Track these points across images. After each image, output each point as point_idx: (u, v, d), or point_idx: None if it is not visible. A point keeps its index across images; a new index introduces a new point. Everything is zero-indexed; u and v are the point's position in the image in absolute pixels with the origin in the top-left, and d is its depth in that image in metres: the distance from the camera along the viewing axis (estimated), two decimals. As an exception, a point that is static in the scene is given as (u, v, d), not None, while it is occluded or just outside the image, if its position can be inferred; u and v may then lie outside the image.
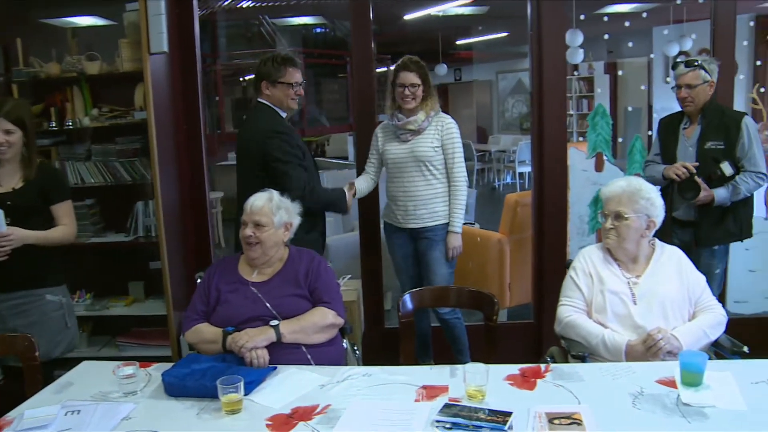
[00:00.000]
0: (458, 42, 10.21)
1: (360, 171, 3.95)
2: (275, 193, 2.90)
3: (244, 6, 7.73)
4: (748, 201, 3.55)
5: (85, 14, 4.16)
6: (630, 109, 3.43)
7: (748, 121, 3.43)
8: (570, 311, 2.71)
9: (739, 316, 4.38)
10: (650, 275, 2.71)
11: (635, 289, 2.67)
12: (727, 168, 3.38)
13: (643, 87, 7.25)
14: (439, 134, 3.56)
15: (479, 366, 2.15)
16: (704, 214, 3.50)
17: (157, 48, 3.66)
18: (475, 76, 12.21)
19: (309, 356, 2.68)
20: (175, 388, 2.29)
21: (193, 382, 2.30)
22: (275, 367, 2.50)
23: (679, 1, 4.67)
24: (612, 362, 2.49)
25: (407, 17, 8.12)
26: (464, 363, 2.39)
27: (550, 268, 3.96)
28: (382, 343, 4.16)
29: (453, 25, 8.98)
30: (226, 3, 7.41)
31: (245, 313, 2.73)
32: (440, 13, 7.66)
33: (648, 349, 2.51)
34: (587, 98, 10.08)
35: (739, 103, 4.20)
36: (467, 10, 7.56)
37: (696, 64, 3.45)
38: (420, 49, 10.23)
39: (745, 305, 4.40)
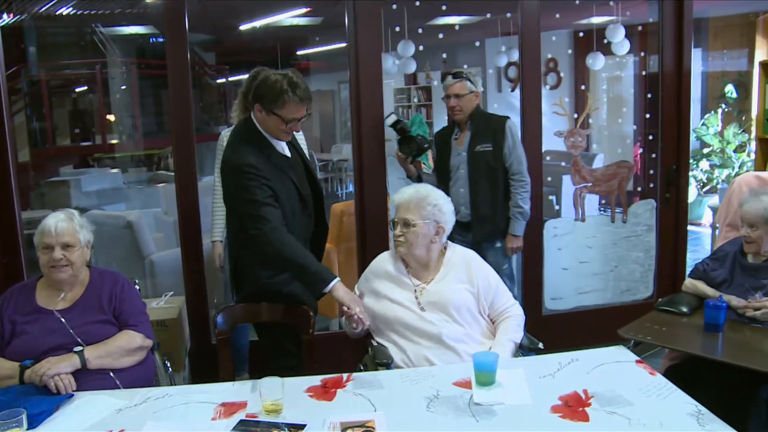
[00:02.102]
0: (299, 52, 10.22)
1: (183, 187, 3.83)
2: (75, 212, 2.78)
3: (65, 13, 7.33)
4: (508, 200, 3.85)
5: None
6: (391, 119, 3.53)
7: (511, 124, 3.79)
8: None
9: (556, 312, 4.65)
10: (439, 280, 2.79)
11: (421, 296, 2.75)
12: (389, 119, 3.75)
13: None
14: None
15: (275, 380, 2.14)
16: (475, 214, 3.80)
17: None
18: (317, 86, 12.28)
19: (117, 381, 2.61)
20: (-53, 430, 2.11)
21: (-31, 420, 2.13)
22: (71, 395, 2.38)
23: (489, 15, 4.90)
24: (413, 368, 2.55)
25: (243, 27, 8.02)
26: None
27: (374, 276, 4.03)
28: (211, 358, 4.05)
29: (291, 36, 8.97)
30: (44, 9, 7.00)
31: (46, 343, 2.60)
32: (275, 24, 7.64)
33: None
34: (426, 107, 10.38)
35: (547, 110, 4.46)
36: (302, 21, 7.57)
37: (462, 75, 3.76)
38: (260, 59, 10.16)
39: (560, 301, 4.67)
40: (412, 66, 5.13)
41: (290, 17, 7.30)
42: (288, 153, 2.92)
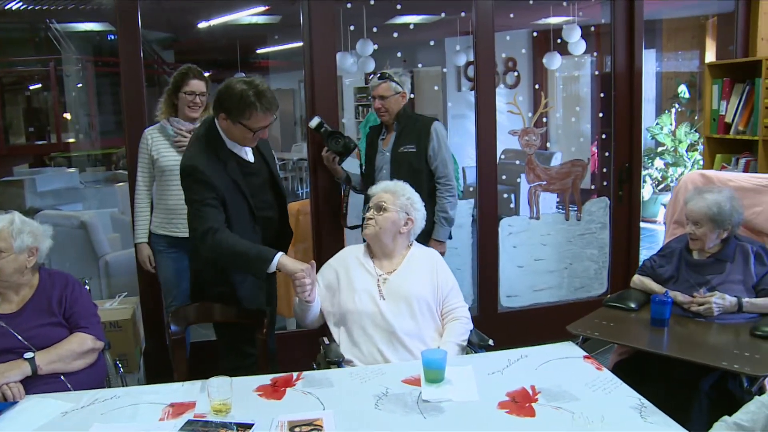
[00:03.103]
0: (258, 51, 10.15)
1: (132, 184, 3.79)
2: (17, 215, 2.72)
3: (14, 8, 7.17)
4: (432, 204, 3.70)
5: None
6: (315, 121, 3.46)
7: (437, 126, 3.71)
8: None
9: (511, 310, 4.70)
10: (401, 272, 2.83)
11: (383, 286, 2.78)
12: (313, 121, 3.76)
13: (412, 95, 7.58)
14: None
15: (223, 379, 2.13)
16: None
17: None
18: (276, 85, 12.19)
19: (69, 385, 2.58)
20: None
21: None
22: (15, 402, 2.34)
23: (443, 15, 4.93)
24: (363, 366, 2.56)
25: (201, 25, 7.94)
26: None
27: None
28: (166, 359, 4.01)
29: (250, 34, 8.90)
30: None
31: (-8, 347, 2.55)
32: (234, 22, 7.59)
33: None
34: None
35: (504, 109, 4.50)
36: (261, 20, 7.52)
37: (387, 76, 3.70)
38: (219, 57, 10.06)
39: (515, 299, 4.72)
40: (371, 65, 5.14)
41: (248, 15, 7.26)
42: (251, 158, 2.92)
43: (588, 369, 2.42)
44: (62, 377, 2.58)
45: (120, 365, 3.16)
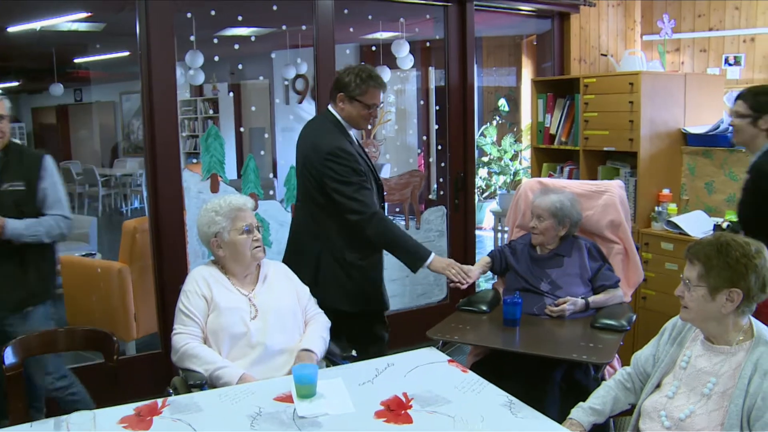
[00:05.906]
0: (76, 60, 9.49)
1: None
2: None
3: None
4: (47, 253, 3.17)
5: None
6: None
7: (48, 160, 3.14)
8: (186, 339, 2.60)
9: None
10: (264, 288, 2.77)
11: (253, 304, 2.70)
12: None
13: (253, 108, 7.58)
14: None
15: (85, 414, 1.96)
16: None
17: None
18: (97, 97, 11.46)
19: None
20: None
21: None
22: None
23: (285, 27, 4.90)
24: (231, 386, 2.46)
25: (12, 30, 7.27)
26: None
27: (173, 293, 3.82)
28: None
29: (69, 42, 8.30)
30: None
31: None
32: (51, 28, 7.01)
33: None
34: (213, 119, 10.14)
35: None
36: (82, 27, 7.02)
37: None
38: (33, 66, 9.28)
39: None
40: (201, 77, 4.97)
41: (68, 21, 6.73)
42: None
43: (454, 372, 2.50)
44: None
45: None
